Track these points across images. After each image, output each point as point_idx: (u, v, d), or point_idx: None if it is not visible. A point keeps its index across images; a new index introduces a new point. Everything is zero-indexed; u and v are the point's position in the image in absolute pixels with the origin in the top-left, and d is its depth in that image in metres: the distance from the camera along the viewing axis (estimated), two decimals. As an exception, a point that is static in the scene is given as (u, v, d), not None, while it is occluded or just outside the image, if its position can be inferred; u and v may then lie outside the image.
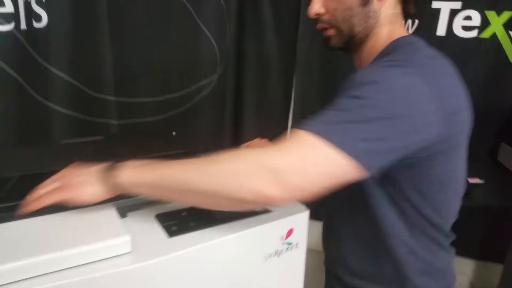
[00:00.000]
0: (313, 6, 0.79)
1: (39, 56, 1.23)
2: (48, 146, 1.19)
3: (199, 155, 0.69)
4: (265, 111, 1.85)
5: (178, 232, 0.69)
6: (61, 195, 0.67)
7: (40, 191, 0.68)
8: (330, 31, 0.81)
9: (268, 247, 0.74)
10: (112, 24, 1.38)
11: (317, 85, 1.84)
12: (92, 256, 0.61)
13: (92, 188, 0.67)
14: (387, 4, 0.78)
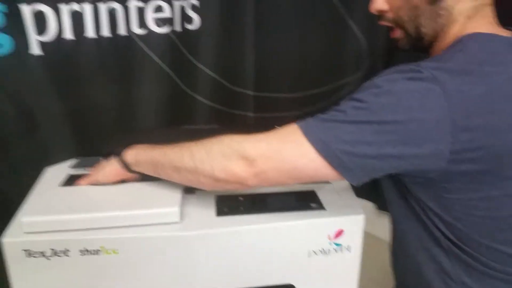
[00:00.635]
0: (376, 0, 0.73)
1: (189, 54, 1.43)
2: (178, 128, 1.39)
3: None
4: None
5: (227, 213, 0.75)
6: (91, 176, 0.84)
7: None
8: (397, 33, 0.74)
9: (313, 244, 0.74)
10: (257, 26, 1.51)
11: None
12: (145, 220, 0.72)
13: (111, 167, 0.82)
14: None
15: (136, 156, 0.79)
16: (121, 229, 0.72)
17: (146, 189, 0.80)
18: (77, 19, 1.20)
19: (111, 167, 0.82)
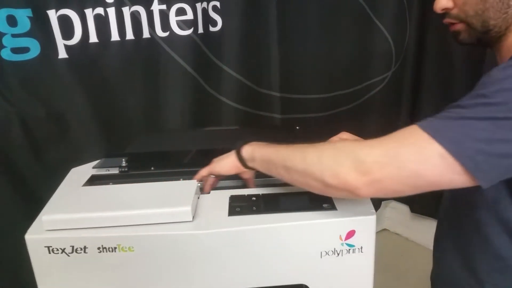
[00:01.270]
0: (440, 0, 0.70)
1: (213, 56, 1.45)
2: (199, 130, 1.41)
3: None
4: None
5: (239, 213, 0.75)
6: (208, 168, 0.84)
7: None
8: (458, 26, 0.71)
9: (324, 244, 0.73)
10: (281, 27, 1.51)
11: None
12: (160, 218, 0.74)
13: (228, 160, 0.82)
14: None
15: (253, 152, 0.79)
16: (137, 227, 0.74)
17: (162, 189, 0.82)
18: (102, 23, 1.23)
19: (228, 160, 0.82)
